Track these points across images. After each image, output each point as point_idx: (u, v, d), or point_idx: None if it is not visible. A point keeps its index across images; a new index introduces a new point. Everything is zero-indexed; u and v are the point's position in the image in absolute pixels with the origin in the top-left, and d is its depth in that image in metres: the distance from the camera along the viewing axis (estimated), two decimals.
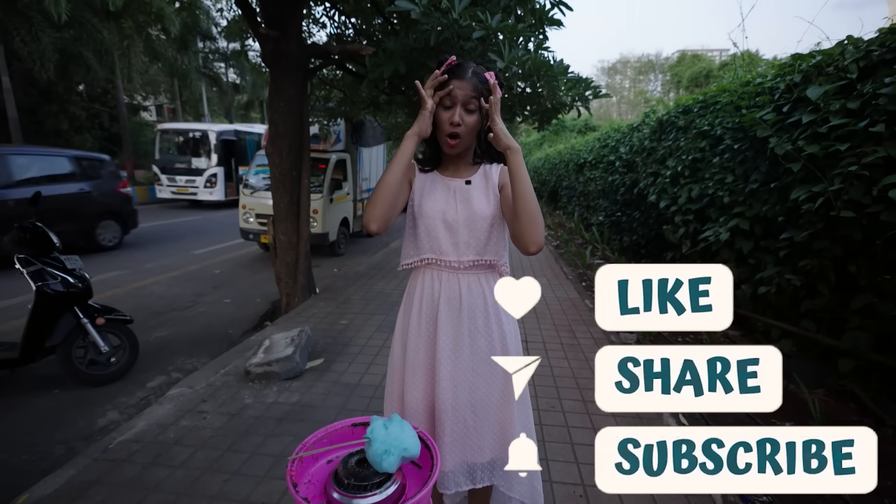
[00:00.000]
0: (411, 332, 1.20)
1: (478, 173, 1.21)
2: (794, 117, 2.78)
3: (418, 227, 1.19)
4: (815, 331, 2.84)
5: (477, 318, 1.16)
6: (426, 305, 1.19)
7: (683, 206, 4.26)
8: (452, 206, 1.17)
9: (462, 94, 1.10)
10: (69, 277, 2.91)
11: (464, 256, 1.16)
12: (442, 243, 1.16)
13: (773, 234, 3.16)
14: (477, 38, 2.79)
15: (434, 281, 1.19)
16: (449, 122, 1.11)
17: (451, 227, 1.16)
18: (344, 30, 4.92)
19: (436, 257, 1.17)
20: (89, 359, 2.97)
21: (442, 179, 1.21)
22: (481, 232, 1.16)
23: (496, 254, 1.18)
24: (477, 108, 1.12)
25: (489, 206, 1.17)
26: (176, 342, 3.81)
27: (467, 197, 1.17)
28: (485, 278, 1.19)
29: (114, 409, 2.75)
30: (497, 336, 1.17)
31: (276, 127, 3.93)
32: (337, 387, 2.62)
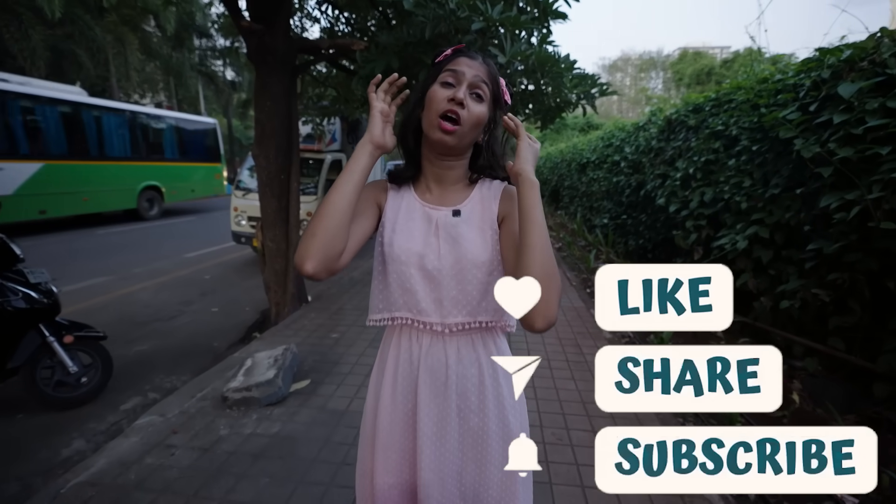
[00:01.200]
0: (383, 406, 0.92)
1: (472, 198, 0.92)
2: (823, 117, 2.54)
3: (388, 274, 0.90)
4: (844, 350, 2.61)
5: (469, 394, 0.89)
6: (402, 377, 0.91)
7: (695, 210, 4.02)
8: (434, 248, 0.87)
9: (471, 73, 0.85)
10: (33, 292, 2.67)
11: (450, 318, 0.87)
12: (420, 299, 0.87)
13: (795, 243, 2.93)
14: (476, 30, 2.55)
15: (412, 345, 0.91)
16: (449, 98, 0.83)
17: (433, 277, 0.86)
18: (336, 24, 4.67)
19: (412, 317, 0.89)
20: (56, 380, 2.74)
21: (421, 206, 0.92)
22: (474, 285, 0.86)
23: (495, 312, 0.88)
24: (488, 99, 0.87)
25: (486, 248, 0.87)
26: (157, 357, 3.58)
27: (455, 235, 0.87)
28: (481, 341, 0.91)
29: (81, 437, 2.52)
30: (495, 415, 0.89)
31: (263, 127, 3.69)
32: (322, 414, 2.38)
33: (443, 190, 0.94)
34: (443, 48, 0.92)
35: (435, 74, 0.88)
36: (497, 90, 0.90)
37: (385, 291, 0.91)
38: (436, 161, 0.92)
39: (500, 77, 0.92)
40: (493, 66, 0.90)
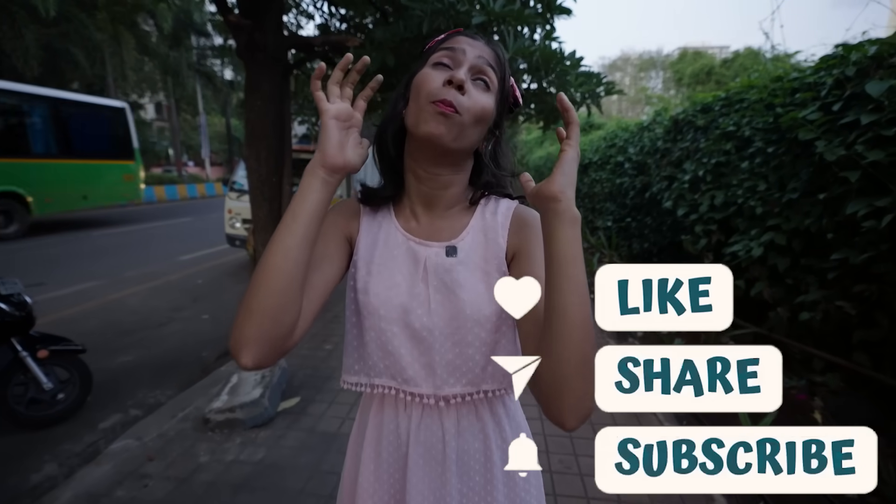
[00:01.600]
0: (363, 489, 0.73)
1: (471, 228, 0.71)
2: (849, 117, 2.37)
3: (365, 332, 0.70)
4: (870, 366, 2.44)
5: (473, 473, 0.71)
6: (387, 452, 0.73)
7: (705, 214, 3.85)
8: (422, 299, 0.67)
9: (474, 54, 0.66)
10: (4, 305, 2.51)
11: (445, 388, 0.68)
12: (406, 365, 0.68)
13: (815, 251, 2.76)
14: (477, 24, 2.38)
15: (399, 417, 0.72)
16: (445, 80, 0.63)
17: (422, 338, 0.67)
18: (331, 20, 4.50)
19: (396, 386, 0.70)
20: (29, 397, 2.58)
21: (405, 240, 0.71)
22: (476, 347, 0.67)
23: (505, 378, 0.69)
24: (495, 89, 0.67)
25: (492, 298, 0.63)
26: (141, 369, 3.41)
27: (450, 283, 0.67)
28: (487, 408, 0.72)
29: (53, 460, 2.35)
30: (504, 495, 0.71)
31: (253, 128, 3.51)
32: (312, 437, 2.22)
33: (433, 217, 0.72)
34: (435, 37, 0.73)
35: (426, 58, 0.69)
36: (506, 81, 0.71)
37: (361, 350, 0.72)
38: (424, 175, 0.70)
39: (510, 80, 0.73)
40: (501, 51, 0.70)
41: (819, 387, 2.72)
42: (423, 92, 0.64)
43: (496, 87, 0.68)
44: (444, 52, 0.66)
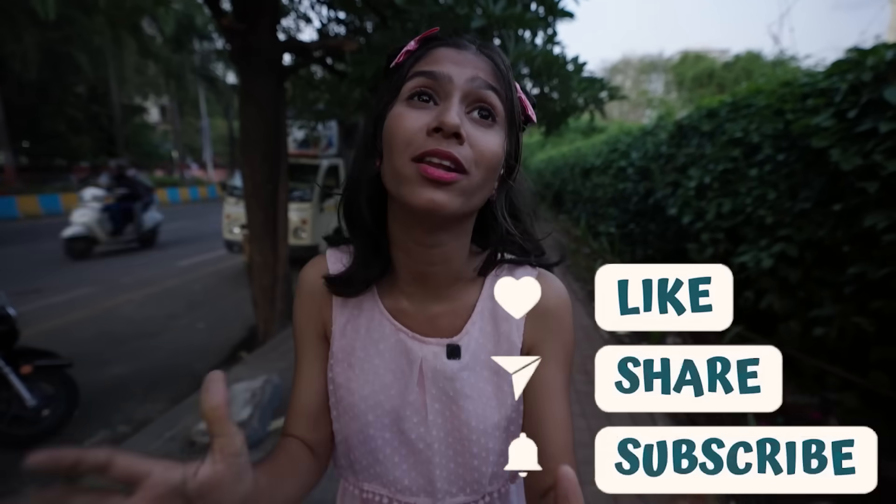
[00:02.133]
0: None
1: (478, 316, 0.56)
2: (866, 125, 2.27)
3: (352, 435, 0.57)
4: (888, 385, 2.33)
5: None
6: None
7: (712, 222, 3.75)
8: (417, 407, 0.55)
9: (465, 78, 0.47)
10: None
11: (447, 499, 0.57)
12: (401, 476, 0.57)
13: (828, 263, 2.65)
14: (476, 28, 2.29)
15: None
16: (430, 127, 0.45)
17: (417, 451, 0.56)
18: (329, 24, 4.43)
19: (390, 496, 0.58)
20: (12, 415, 2.49)
21: (394, 331, 0.56)
22: (482, 458, 0.56)
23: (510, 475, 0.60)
24: (501, 117, 0.49)
25: (505, 404, 0.55)
26: (132, 381, 3.32)
27: (454, 393, 0.55)
28: None
29: (33, 481, 2.25)
30: None
31: (248, 134, 3.44)
32: None
33: (427, 297, 0.56)
34: (400, 45, 0.52)
35: (395, 87, 0.50)
36: (513, 99, 0.51)
37: (346, 451, 0.58)
38: (416, 249, 0.52)
39: (517, 86, 0.53)
40: (500, 57, 0.52)
41: (834, 405, 2.61)
42: (399, 145, 0.46)
43: (503, 113, 0.49)
44: (422, 78, 0.47)
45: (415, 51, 0.51)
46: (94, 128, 21.23)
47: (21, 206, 12.49)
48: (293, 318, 0.60)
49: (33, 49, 11.81)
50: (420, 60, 0.49)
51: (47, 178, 20.14)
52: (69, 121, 19.27)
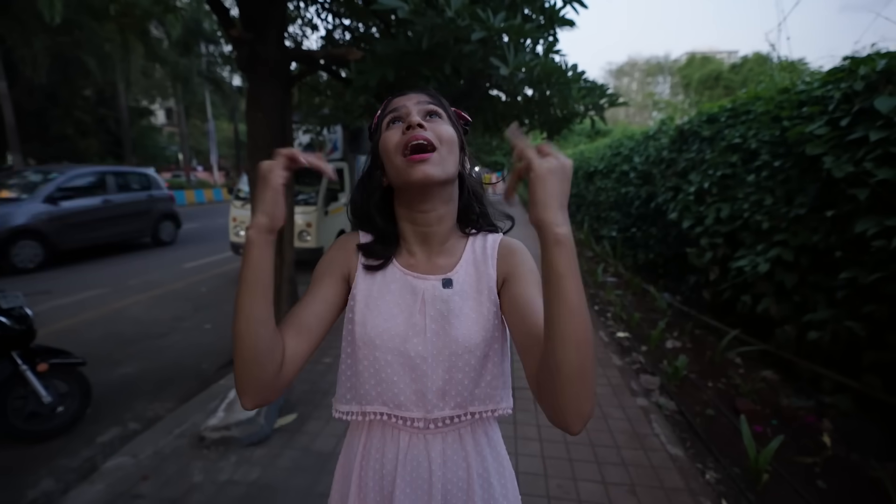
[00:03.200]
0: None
1: (464, 261, 0.75)
2: (857, 133, 2.32)
3: (359, 362, 0.72)
4: (881, 388, 2.37)
5: (454, 499, 0.72)
6: (374, 483, 0.73)
7: (711, 227, 3.80)
8: (419, 329, 0.70)
9: (413, 101, 0.73)
10: (4, 319, 2.51)
11: (435, 412, 0.70)
12: (399, 392, 0.70)
13: (823, 268, 2.70)
14: (477, 39, 2.36)
15: (386, 446, 0.73)
16: (406, 128, 0.68)
17: (415, 365, 0.69)
18: (335, 32, 4.52)
19: (388, 412, 0.72)
20: (29, 411, 2.57)
21: (403, 275, 0.74)
22: (465, 372, 0.70)
23: (490, 400, 0.73)
24: (445, 116, 0.74)
25: (482, 327, 0.70)
26: (141, 381, 3.40)
27: (445, 312, 0.70)
28: (470, 435, 0.74)
29: (50, 476, 2.34)
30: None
31: (255, 141, 3.51)
32: (307, 458, 2.19)
33: (429, 253, 0.76)
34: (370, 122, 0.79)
35: (379, 120, 0.76)
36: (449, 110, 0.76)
37: (354, 380, 0.74)
38: (419, 217, 0.74)
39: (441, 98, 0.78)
40: (433, 92, 0.76)
41: (828, 408, 2.65)
42: (391, 148, 0.69)
43: (446, 115, 0.74)
44: (390, 114, 0.72)
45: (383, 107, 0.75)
46: (100, 130, 21.48)
47: None
48: (321, 260, 0.77)
49: (43, 53, 11.98)
50: (387, 107, 0.75)
51: None
52: (77, 124, 19.49)
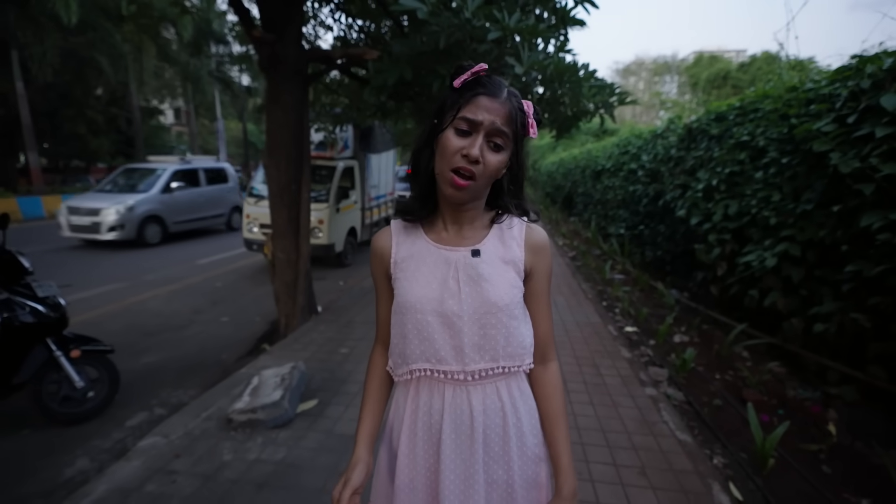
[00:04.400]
0: (403, 461, 0.86)
1: (491, 235, 0.85)
2: (864, 130, 2.39)
3: (405, 325, 0.83)
4: (885, 379, 2.44)
5: (493, 444, 0.83)
6: (423, 430, 0.85)
7: (719, 224, 3.86)
8: (454, 292, 0.80)
9: (489, 120, 0.74)
10: (40, 307, 2.63)
11: (472, 365, 0.81)
12: (439, 348, 0.81)
13: (829, 262, 2.76)
14: (492, 39, 2.45)
15: (433, 398, 0.84)
16: (463, 153, 0.74)
17: (452, 323, 0.80)
18: (349, 32, 4.62)
19: (431, 367, 0.82)
20: (62, 395, 2.69)
21: (433, 248, 0.85)
22: (498, 329, 0.81)
23: (518, 357, 0.83)
24: (508, 145, 0.77)
25: (509, 290, 0.81)
26: (164, 369, 3.53)
27: (476, 277, 0.81)
28: (505, 387, 0.84)
29: (84, 455, 2.46)
30: (519, 466, 0.84)
31: (274, 137, 3.63)
32: (330, 439, 2.29)
33: (459, 229, 0.86)
34: (462, 65, 0.79)
35: (452, 107, 0.77)
36: (519, 128, 0.78)
37: (402, 344, 0.85)
38: (451, 207, 0.84)
39: (525, 105, 0.80)
40: (515, 101, 0.78)
41: (834, 399, 2.72)
42: (445, 157, 0.76)
43: (510, 140, 0.77)
44: (464, 122, 0.75)
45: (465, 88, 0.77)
46: (112, 130, 21.76)
47: (46, 206, 12.88)
48: (371, 272, 0.94)
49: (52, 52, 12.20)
50: (467, 105, 0.75)
51: (66, 178, 20.66)
52: (89, 123, 19.76)
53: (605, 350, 3.48)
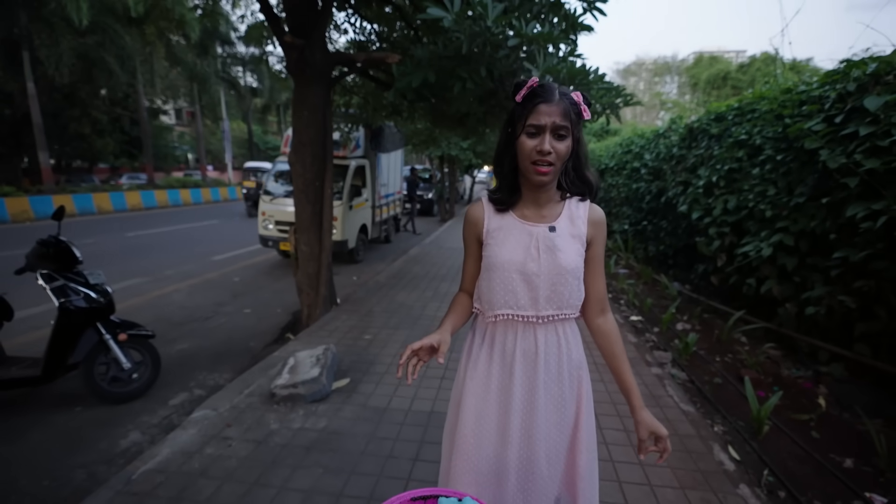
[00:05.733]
0: (477, 381, 1.12)
1: (563, 215, 1.08)
2: (849, 129, 2.61)
3: (493, 280, 1.08)
4: (870, 356, 2.66)
5: (551, 366, 1.09)
6: (498, 357, 1.10)
7: (719, 217, 4.09)
8: (534, 257, 1.04)
9: (550, 121, 0.96)
10: (91, 293, 2.86)
11: (543, 311, 1.06)
12: (520, 297, 1.06)
13: (820, 251, 2.99)
14: (511, 46, 2.67)
15: (507, 333, 1.10)
16: (537, 150, 0.97)
17: (531, 280, 1.04)
18: (366, 36, 4.84)
19: (512, 313, 1.07)
20: (111, 375, 2.92)
21: (520, 224, 1.08)
22: (565, 286, 1.05)
23: (574, 308, 1.08)
24: (569, 133, 0.98)
25: (576, 259, 1.05)
26: (197, 356, 3.75)
27: (552, 247, 1.04)
28: (562, 327, 1.10)
29: (136, 429, 2.68)
30: (568, 378, 1.10)
31: (300, 136, 3.85)
32: (365, 411, 2.51)
33: (538, 208, 1.09)
34: (519, 82, 1.01)
35: (520, 118, 1.01)
36: (574, 117, 0.98)
37: (490, 293, 1.09)
38: (532, 189, 1.08)
39: (575, 97, 1.00)
40: (567, 99, 0.98)
41: (824, 376, 2.94)
42: (525, 156, 1.01)
43: (570, 128, 0.99)
44: (532, 128, 0.98)
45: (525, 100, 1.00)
46: (116, 130, 21.99)
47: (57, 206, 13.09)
48: (464, 236, 1.17)
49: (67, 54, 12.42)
50: (531, 114, 0.99)
51: (70, 178, 20.88)
52: (93, 123, 19.98)
53: None
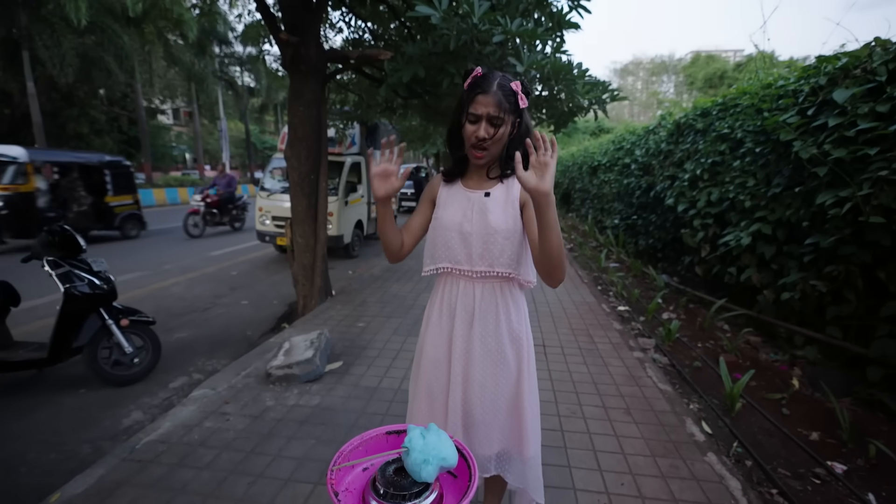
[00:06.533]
0: (431, 330, 1.27)
1: (499, 186, 1.22)
2: (820, 121, 2.74)
3: (436, 238, 1.24)
4: (841, 338, 2.79)
5: (488, 321, 1.21)
6: (445, 308, 1.25)
7: (703, 209, 4.21)
8: (469, 218, 1.19)
9: (485, 111, 1.10)
10: (95, 279, 2.97)
11: (476, 267, 1.19)
12: (456, 253, 1.21)
13: (796, 238, 3.11)
14: (496, 42, 2.79)
15: (452, 287, 1.25)
16: (474, 135, 1.12)
17: (466, 238, 1.19)
18: (361, 34, 4.96)
19: (451, 266, 1.22)
20: (114, 359, 3.03)
21: (463, 191, 1.24)
22: (494, 245, 1.17)
23: (509, 266, 1.19)
24: (503, 121, 1.11)
25: (505, 221, 1.17)
26: (196, 343, 3.86)
27: (484, 209, 1.19)
28: (499, 287, 1.22)
29: (138, 410, 2.79)
30: (507, 339, 1.21)
31: (295, 131, 3.97)
32: (357, 390, 2.63)
33: (480, 179, 1.25)
34: (468, 70, 1.16)
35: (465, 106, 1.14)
36: (510, 107, 1.11)
37: (433, 250, 1.25)
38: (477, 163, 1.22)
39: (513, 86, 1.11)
40: (503, 91, 1.10)
41: (799, 360, 3.07)
42: (466, 140, 1.17)
43: (507, 116, 1.11)
44: (471, 115, 1.12)
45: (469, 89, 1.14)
46: (114, 129, 22.05)
47: None
48: (424, 193, 1.33)
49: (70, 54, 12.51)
50: (471, 103, 1.12)
51: None
52: (91, 123, 20.03)
53: (599, 323, 3.83)
